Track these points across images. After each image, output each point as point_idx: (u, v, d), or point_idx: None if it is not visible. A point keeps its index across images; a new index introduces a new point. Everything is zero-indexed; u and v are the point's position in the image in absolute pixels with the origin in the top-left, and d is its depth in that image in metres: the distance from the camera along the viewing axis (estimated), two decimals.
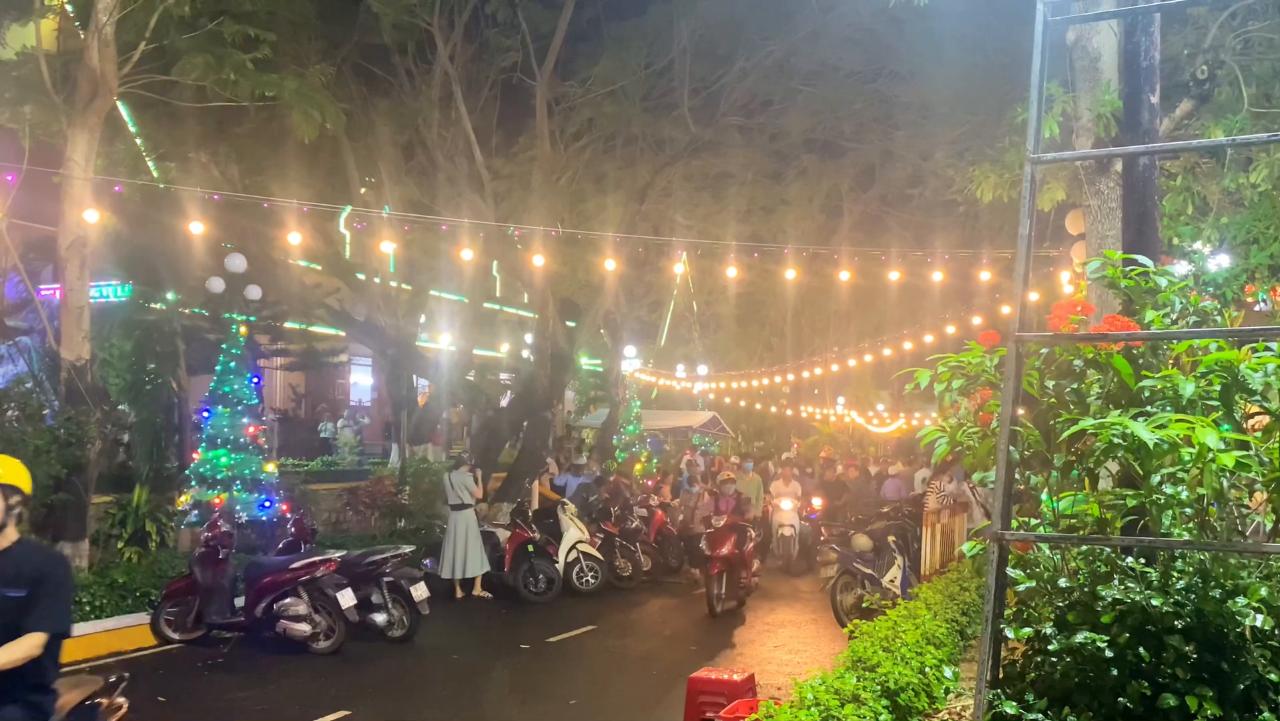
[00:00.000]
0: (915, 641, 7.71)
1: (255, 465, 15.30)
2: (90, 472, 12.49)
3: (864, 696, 6.16)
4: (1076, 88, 9.93)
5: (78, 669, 10.13)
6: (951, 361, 4.52)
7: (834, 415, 42.08)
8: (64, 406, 12.31)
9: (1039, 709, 3.54)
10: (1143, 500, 3.75)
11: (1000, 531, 3.68)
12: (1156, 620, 3.49)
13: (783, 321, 35.49)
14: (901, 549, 14.29)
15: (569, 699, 9.47)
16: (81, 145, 12.34)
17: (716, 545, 13.88)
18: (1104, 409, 4.04)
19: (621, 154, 21.26)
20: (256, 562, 11.78)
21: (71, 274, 12.43)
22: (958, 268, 19.72)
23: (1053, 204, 12.45)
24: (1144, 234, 4.89)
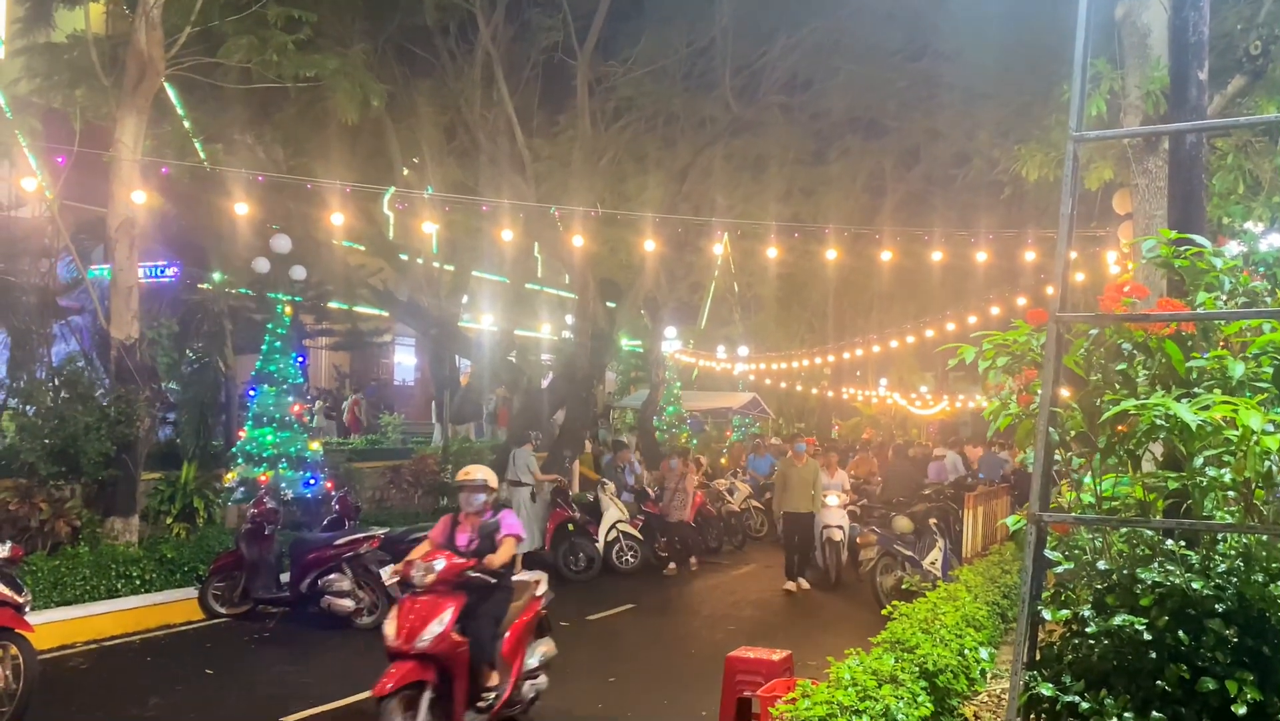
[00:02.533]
0: (955, 623, 7.68)
1: (300, 443, 15.49)
2: (139, 450, 12.73)
3: (902, 677, 6.14)
4: (1125, 64, 9.75)
5: (127, 641, 10.43)
6: (997, 339, 4.48)
7: (876, 397, 41.81)
8: (114, 385, 12.53)
9: (1076, 691, 3.52)
10: (1185, 482, 3.70)
11: (1038, 513, 3.65)
12: (1197, 603, 3.45)
13: (824, 303, 35.28)
14: (943, 531, 14.22)
15: (608, 676, 9.54)
16: (130, 127, 12.52)
17: None
18: (1152, 391, 3.99)
19: (662, 134, 21.21)
20: (301, 539, 11.96)
21: (121, 254, 12.64)
22: (1002, 248, 19.47)
23: (1100, 183, 12.26)
24: (1190, 213, 4.80)
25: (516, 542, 7.32)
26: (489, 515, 7.41)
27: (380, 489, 18.63)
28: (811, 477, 14.79)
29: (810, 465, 15.06)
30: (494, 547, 7.16)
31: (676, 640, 11.28)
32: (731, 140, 21.53)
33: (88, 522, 12.04)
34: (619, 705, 8.59)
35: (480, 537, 7.25)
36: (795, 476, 14.84)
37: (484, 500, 7.44)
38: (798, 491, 14.67)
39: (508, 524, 7.37)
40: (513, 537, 7.24)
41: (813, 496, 14.64)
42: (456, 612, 6.84)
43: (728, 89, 20.35)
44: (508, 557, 7.17)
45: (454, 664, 6.85)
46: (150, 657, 10.03)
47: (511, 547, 7.21)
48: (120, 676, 9.31)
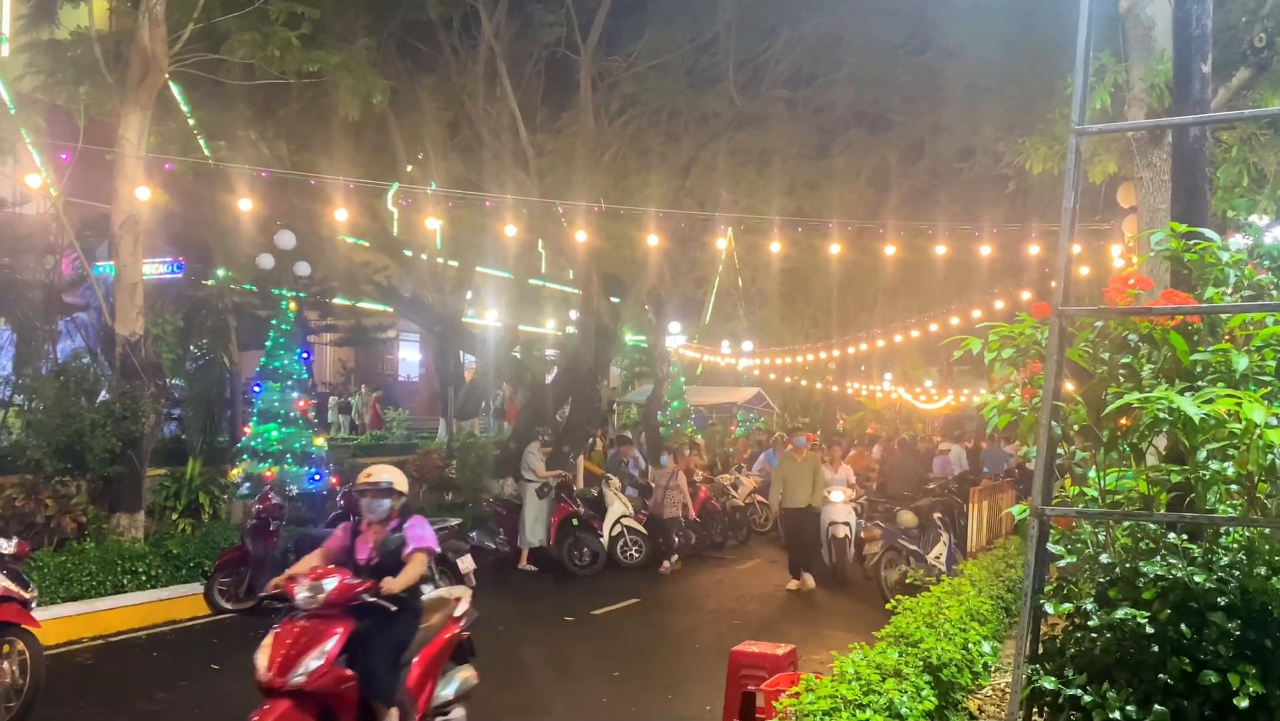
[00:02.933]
0: (959, 617, 7.68)
1: (305, 439, 15.53)
2: (145, 446, 12.76)
3: (906, 671, 6.15)
4: (1129, 58, 9.73)
5: (133, 637, 10.47)
6: (1003, 331, 4.48)
7: (881, 391, 41.79)
8: (119, 381, 12.57)
9: (1078, 684, 3.53)
10: (1188, 476, 3.70)
11: (1040, 506, 3.65)
12: (1199, 596, 3.45)
13: (829, 297, 35.25)
14: (947, 525, 14.22)
15: (612, 670, 9.56)
16: (134, 124, 12.54)
17: None
18: (1156, 384, 3.99)
19: (665, 129, 21.20)
20: (306, 534, 11.98)
21: (125, 251, 12.67)
22: (1007, 242, 19.44)
23: (1104, 176, 12.24)
24: (1193, 206, 4.79)
25: (429, 558, 6.38)
26: (395, 525, 6.37)
27: None
28: (810, 472, 14.43)
29: (810, 459, 14.72)
30: (399, 565, 6.16)
31: (681, 635, 11.30)
32: (735, 135, 21.50)
33: (94, 519, 12.08)
34: (623, 700, 8.61)
35: (383, 553, 6.26)
36: (794, 471, 14.51)
37: (389, 507, 6.35)
38: (797, 486, 14.35)
39: (416, 536, 6.33)
40: (423, 552, 6.26)
41: (812, 491, 14.29)
42: (342, 641, 5.80)
43: (731, 83, 20.33)
44: (415, 578, 6.16)
45: (339, 703, 5.84)
46: (156, 653, 10.06)
47: (421, 565, 6.22)
48: (126, 671, 9.34)
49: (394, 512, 6.36)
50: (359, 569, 6.17)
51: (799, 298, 35.36)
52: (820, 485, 14.48)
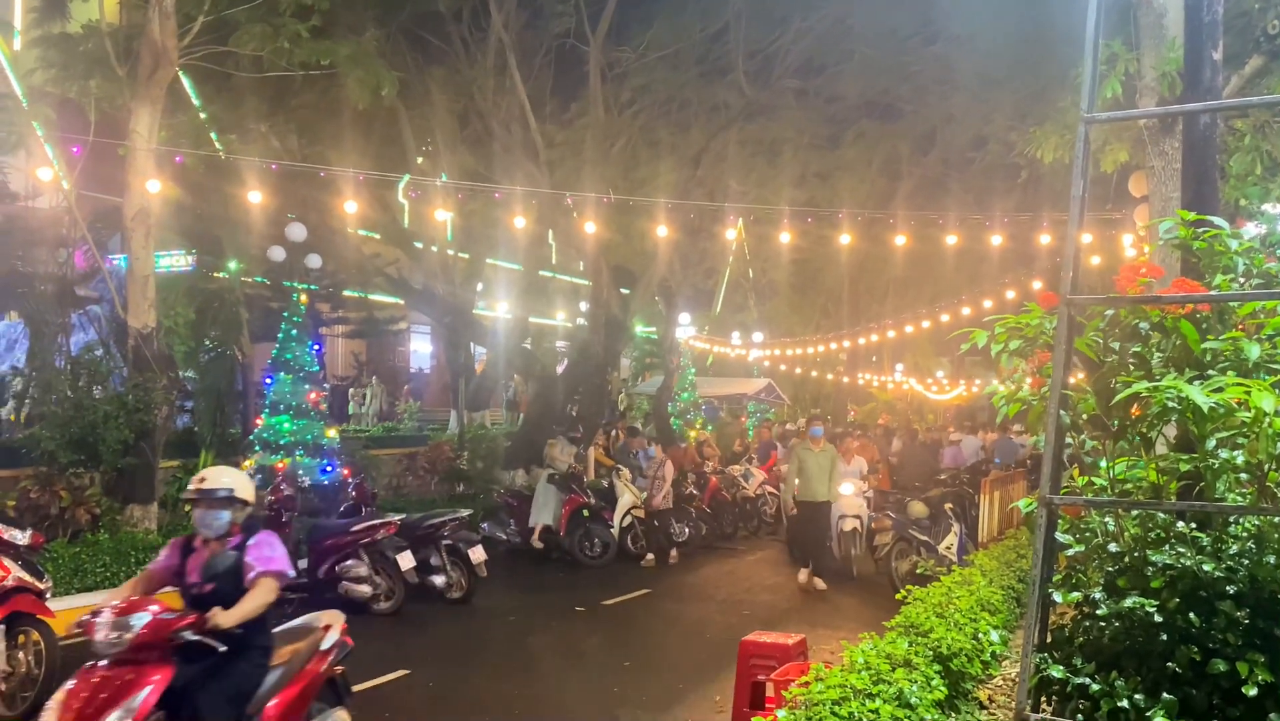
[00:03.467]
0: (969, 607, 7.68)
1: (317, 430, 15.58)
2: (158, 437, 12.84)
3: (916, 661, 6.16)
4: (1140, 46, 9.68)
5: None
6: (1010, 323, 4.47)
7: (892, 382, 41.73)
8: (132, 373, 12.63)
9: (1086, 673, 3.53)
10: (1197, 465, 3.69)
11: (1049, 496, 3.65)
12: (1208, 585, 3.45)
13: (840, 288, 35.19)
14: (958, 516, 14.21)
15: (623, 661, 9.58)
16: (145, 117, 12.58)
17: None
18: (1166, 373, 3.97)
19: (675, 120, 21.19)
20: (318, 525, 12.01)
21: (137, 243, 12.72)
22: (1018, 231, 19.38)
23: (1116, 165, 12.19)
24: (1204, 194, 4.77)
25: (279, 581, 5.18)
26: (235, 542, 5.21)
27: (397, 475, 18.74)
28: (829, 465, 13.69)
29: (827, 450, 13.90)
30: (239, 590, 5.02)
31: (691, 625, 11.32)
32: (745, 125, 21.49)
33: (107, 510, 12.16)
34: (634, 689, 8.62)
35: (214, 577, 5.07)
36: (812, 463, 13.69)
37: (228, 520, 5.18)
38: (814, 479, 13.64)
39: (262, 557, 5.14)
40: (271, 576, 5.11)
41: (830, 484, 13.67)
42: (158, 693, 4.67)
43: (741, 74, 20.31)
44: (256, 609, 4.97)
45: None
46: None
47: (266, 593, 5.05)
48: None
49: (235, 527, 5.22)
50: (189, 596, 5.11)
51: (810, 288, 35.33)
52: (838, 478, 13.91)
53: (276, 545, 5.28)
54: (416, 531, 11.87)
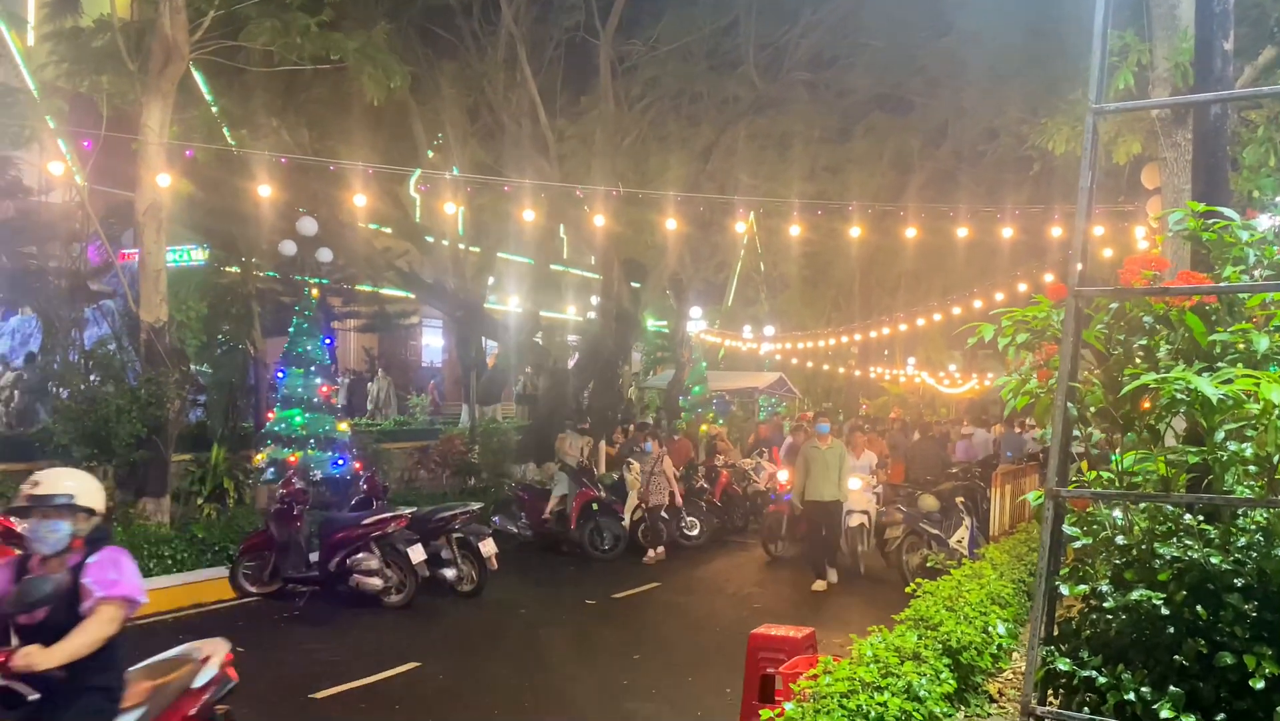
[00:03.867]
0: (979, 601, 7.67)
1: (329, 424, 15.63)
2: (170, 431, 12.90)
3: (925, 654, 6.15)
4: (1153, 36, 9.63)
5: (159, 620, 10.59)
6: (1017, 315, 4.45)
7: (904, 376, 41.63)
8: (144, 367, 12.69)
9: (1093, 666, 3.52)
10: (1206, 457, 3.67)
11: (1056, 488, 3.63)
12: (1216, 578, 3.43)
13: (851, 281, 35.11)
14: (970, 510, 14.17)
15: (632, 653, 9.60)
16: (156, 112, 12.63)
17: None
18: (1174, 365, 3.95)
19: (686, 113, 21.15)
20: (330, 519, 12.08)
21: (149, 238, 12.78)
22: (1030, 224, 19.30)
23: (1128, 157, 12.14)
24: (1214, 186, 4.74)
25: (125, 609, 4.31)
26: (76, 560, 4.26)
27: (409, 469, 18.80)
28: (837, 462, 13.16)
29: (835, 447, 13.42)
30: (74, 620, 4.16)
31: (701, 618, 11.33)
32: (756, 118, 21.44)
33: (120, 503, 12.23)
34: (644, 682, 8.64)
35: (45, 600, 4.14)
36: (819, 460, 13.15)
37: (68, 533, 4.26)
38: (822, 477, 13.08)
39: (103, 579, 4.22)
40: (113, 603, 4.24)
41: (839, 482, 13.14)
42: None
43: (752, 66, 20.26)
44: (90, 644, 4.11)
45: None
46: (182, 636, 10.05)
47: (106, 624, 4.18)
48: (151, 654, 9.43)
49: (77, 541, 4.28)
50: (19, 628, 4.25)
51: (821, 282, 35.26)
52: (847, 475, 13.39)
53: (125, 564, 4.34)
54: (428, 524, 11.92)
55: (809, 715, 4.89)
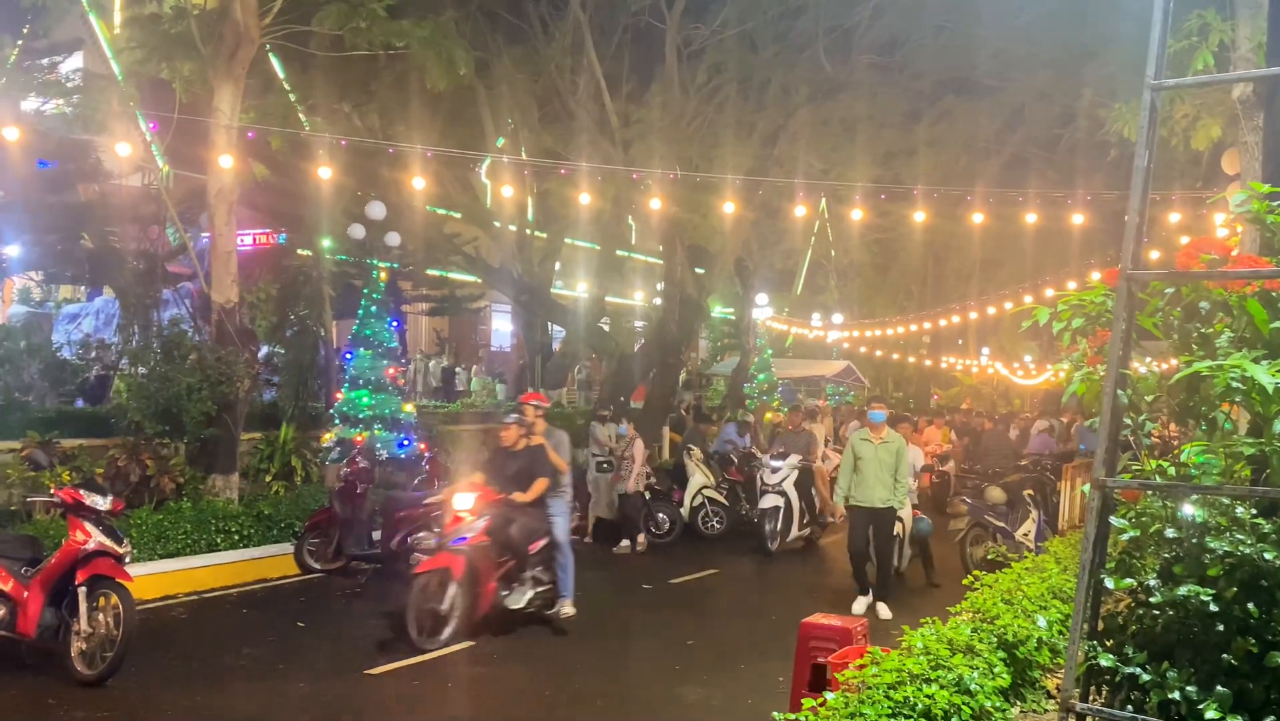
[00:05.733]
0: (1039, 595, 7.49)
1: (395, 405, 15.84)
2: (239, 410, 13.16)
3: (979, 647, 6.02)
4: (1236, 15, 9.27)
5: (224, 594, 10.85)
6: (1073, 300, 4.32)
7: (977, 366, 40.90)
8: (214, 347, 12.97)
9: (1138, 662, 3.40)
10: (1262, 448, 3.52)
11: (1103, 479, 3.52)
12: (1269, 575, 3.29)
13: (923, 268, 34.56)
14: (1038, 503, 13.88)
15: (687, 639, 9.57)
16: (227, 95, 12.86)
17: None
18: (1233, 352, 3.79)
19: (753, 98, 20.93)
20: (393, 497, 12.25)
21: (219, 220, 13.03)
22: (1106, 211, 18.78)
23: (1209, 142, 11.72)
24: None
25: None
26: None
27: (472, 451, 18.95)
28: (893, 460, 10.82)
29: (892, 441, 10.95)
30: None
31: (756, 606, 11.26)
32: (825, 102, 21.12)
33: (190, 479, 12.53)
34: (696, 668, 8.61)
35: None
36: (871, 456, 10.88)
37: None
38: (874, 478, 10.82)
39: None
40: None
41: (895, 484, 10.80)
42: None
43: (820, 50, 19.96)
44: None
45: None
46: (246, 610, 10.41)
47: None
48: (217, 627, 9.69)
49: None
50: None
51: (892, 268, 34.75)
52: (905, 475, 11.06)
53: None
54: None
55: (853, 705, 4.81)
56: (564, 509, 10.25)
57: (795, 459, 14.76)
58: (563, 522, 10.15)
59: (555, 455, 9.96)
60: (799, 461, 14.80)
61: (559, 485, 10.11)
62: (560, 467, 10.03)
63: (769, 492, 14.43)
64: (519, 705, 7.60)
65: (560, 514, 10.11)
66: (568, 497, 10.46)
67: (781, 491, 14.40)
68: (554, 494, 9.98)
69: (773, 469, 14.59)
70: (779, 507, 14.30)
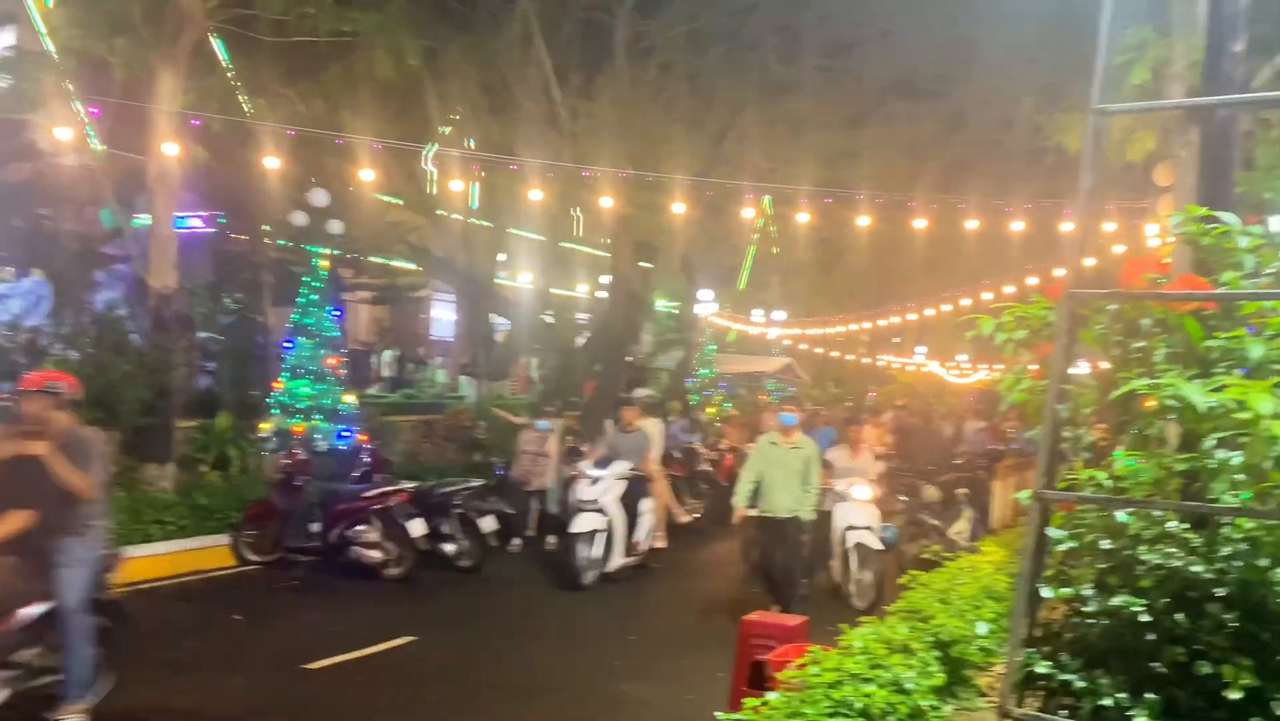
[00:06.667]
0: (973, 595, 7.67)
1: (334, 395, 15.67)
2: (176, 398, 12.95)
3: (915, 646, 6.16)
4: (1172, 33, 9.55)
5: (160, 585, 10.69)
6: (1018, 312, 4.44)
7: (913, 365, 41.56)
8: (151, 333, 12.74)
9: (1072, 670, 3.52)
10: (1194, 464, 3.66)
11: (1042, 491, 3.63)
12: (1197, 586, 3.43)
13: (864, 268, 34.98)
14: (972, 501, 14.17)
15: (627, 634, 9.66)
16: (169, 79, 12.64)
17: None
18: (1170, 369, 3.94)
19: (702, 95, 21.02)
20: (333, 490, 12.15)
21: (159, 205, 12.82)
22: (1043, 218, 19.18)
23: (1143, 154, 12.02)
24: (1218, 188, 4.72)
25: None
26: None
27: (414, 443, 18.84)
28: (802, 467, 9.94)
29: (803, 448, 10.16)
30: None
31: (698, 601, 11.36)
32: (772, 103, 21.28)
33: (124, 468, 12.28)
34: (635, 665, 8.69)
35: None
36: (779, 462, 9.98)
37: None
38: (779, 486, 9.96)
39: None
40: None
41: (804, 493, 9.97)
42: None
43: (769, 50, 20.10)
44: None
45: None
46: (182, 602, 10.28)
47: None
48: (152, 619, 9.51)
49: None
50: None
51: (835, 268, 35.12)
52: (816, 484, 10.18)
53: None
54: (429, 500, 11.98)
55: (794, 704, 4.91)
56: (86, 555, 6.27)
57: (621, 466, 12.07)
58: (79, 579, 6.17)
59: (68, 468, 6.07)
60: (626, 470, 12.12)
61: (76, 518, 6.21)
62: (77, 488, 6.10)
63: (584, 511, 11.63)
64: (458, 699, 7.61)
65: (78, 563, 6.20)
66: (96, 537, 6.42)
67: (601, 509, 11.67)
68: (69, 531, 6.19)
69: (591, 479, 11.89)
70: (597, 531, 11.59)
